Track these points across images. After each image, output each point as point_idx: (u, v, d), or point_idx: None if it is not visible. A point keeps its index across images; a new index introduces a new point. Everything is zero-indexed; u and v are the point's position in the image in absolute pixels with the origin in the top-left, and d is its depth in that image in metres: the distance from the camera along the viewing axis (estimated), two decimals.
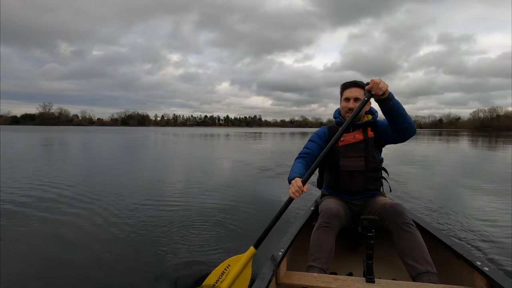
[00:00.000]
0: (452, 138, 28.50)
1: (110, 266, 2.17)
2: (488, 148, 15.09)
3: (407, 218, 1.51)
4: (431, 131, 73.77)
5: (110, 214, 3.38)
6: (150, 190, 4.73)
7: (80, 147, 14.53)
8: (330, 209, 1.61)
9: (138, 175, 6.29)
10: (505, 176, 6.14)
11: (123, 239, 2.66)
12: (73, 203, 3.84)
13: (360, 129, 1.79)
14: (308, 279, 1.37)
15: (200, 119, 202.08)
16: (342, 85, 1.87)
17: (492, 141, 22.48)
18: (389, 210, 1.57)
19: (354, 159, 1.75)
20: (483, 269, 1.28)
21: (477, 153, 12.95)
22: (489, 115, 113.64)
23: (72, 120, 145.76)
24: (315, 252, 1.49)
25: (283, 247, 1.50)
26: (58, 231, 2.83)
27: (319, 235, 1.53)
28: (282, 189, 4.80)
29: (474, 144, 18.79)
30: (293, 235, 1.65)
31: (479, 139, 26.39)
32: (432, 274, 1.35)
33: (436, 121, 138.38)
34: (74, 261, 2.25)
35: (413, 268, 1.39)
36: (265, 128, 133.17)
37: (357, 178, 1.76)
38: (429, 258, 1.41)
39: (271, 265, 1.34)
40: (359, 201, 1.81)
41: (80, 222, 3.10)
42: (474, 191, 4.78)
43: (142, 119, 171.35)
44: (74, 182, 5.20)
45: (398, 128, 1.59)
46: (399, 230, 1.49)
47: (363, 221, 1.29)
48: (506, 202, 3.99)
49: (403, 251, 1.45)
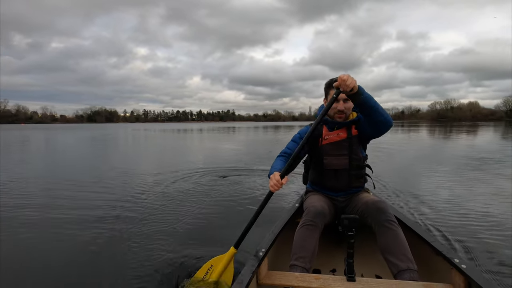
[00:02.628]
0: (413, 129, 30.50)
1: (84, 267, 2.13)
2: (444, 138, 16.67)
3: (389, 215, 1.52)
4: (395, 122, 77.88)
5: (78, 218, 3.21)
6: (120, 190, 4.55)
7: (58, 147, 14.04)
8: (315, 207, 1.61)
9: (109, 175, 5.79)
10: (458, 161, 7.17)
11: (96, 243, 2.54)
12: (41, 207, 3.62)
13: (344, 128, 1.78)
14: (289, 278, 1.37)
15: (172, 114, 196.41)
16: (329, 82, 1.78)
17: (447, 131, 24.29)
18: (372, 207, 1.58)
19: (338, 157, 1.76)
20: (461, 267, 1.29)
21: (434, 142, 14.50)
22: (444, 107, 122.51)
23: (32, 118, 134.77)
24: (298, 251, 1.49)
25: (264, 247, 1.48)
26: (18, 237, 2.71)
27: (303, 233, 1.53)
28: (263, 187, 4.67)
29: (431, 134, 20.66)
30: (276, 233, 1.63)
31: (436, 129, 28.74)
32: (413, 271, 1.37)
33: (399, 113, 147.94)
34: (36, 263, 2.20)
35: (395, 265, 1.41)
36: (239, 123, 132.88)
37: (341, 176, 1.77)
38: (410, 255, 1.43)
39: (251, 266, 1.32)
40: (343, 197, 1.82)
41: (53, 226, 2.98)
42: (432, 175, 5.46)
43: (110, 115, 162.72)
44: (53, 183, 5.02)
45: (373, 122, 1.60)
46: (381, 227, 1.50)
47: (344, 220, 1.30)
48: (463, 187, 4.52)
49: (385, 248, 1.46)
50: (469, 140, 14.26)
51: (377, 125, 1.61)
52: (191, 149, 12.48)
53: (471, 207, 3.41)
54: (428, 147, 11.50)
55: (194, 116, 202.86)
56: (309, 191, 1.95)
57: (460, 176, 5.30)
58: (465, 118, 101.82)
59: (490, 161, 7.00)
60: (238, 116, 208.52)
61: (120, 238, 2.65)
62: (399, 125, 51.75)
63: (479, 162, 6.88)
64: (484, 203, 3.55)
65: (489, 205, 3.50)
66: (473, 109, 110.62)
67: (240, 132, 28.86)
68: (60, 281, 1.99)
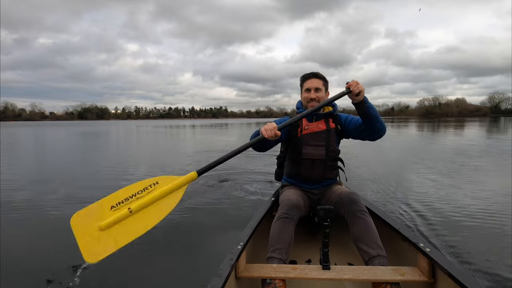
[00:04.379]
0: (402, 124, 31.27)
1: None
2: (432, 133, 17.26)
3: (361, 205, 1.60)
4: (385, 119, 77.23)
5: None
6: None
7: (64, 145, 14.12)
8: (290, 200, 1.65)
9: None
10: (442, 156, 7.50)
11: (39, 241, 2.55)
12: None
13: (322, 120, 1.86)
14: (267, 270, 1.40)
15: (164, 111, 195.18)
16: (302, 77, 1.93)
17: (434, 126, 25.17)
18: (345, 198, 1.65)
19: (316, 147, 1.82)
20: (425, 250, 1.36)
21: (421, 137, 15.32)
22: (433, 103, 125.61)
23: (21, 115, 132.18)
24: (275, 243, 1.52)
25: (242, 240, 1.50)
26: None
27: (279, 226, 1.57)
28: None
29: (419, 130, 21.66)
30: (253, 227, 1.66)
31: (421, 124, 29.82)
32: (382, 257, 1.45)
33: (389, 109, 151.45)
34: None
35: (366, 252, 1.48)
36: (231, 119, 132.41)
37: (317, 166, 1.83)
38: (379, 242, 1.50)
39: (230, 259, 1.32)
40: (318, 190, 1.89)
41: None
42: (407, 167, 5.83)
43: (101, 112, 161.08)
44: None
45: (371, 128, 1.69)
46: (353, 218, 1.57)
47: (320, 211, 1.34)
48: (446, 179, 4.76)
49: (357, 237, 1.54)
50: (449, 135, 15.05)
51: (375, 131, 1.72)
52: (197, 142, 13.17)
53: (440, 196, 3.64)
54: (409, 142, 12.03)
55: (187, 113, 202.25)
56: (284, 185, 2.00)
57: (432, 169, 5.61)
58: (452, 114, 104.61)
59: (462, 155, 7.46)
60: (230, 113, 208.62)
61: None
62: (389, 121, 52.84)
63: (454, 155, 7.43)
64: (452, 192, 3.86)
65: (454, 193, 3.82)
66: (460, 106, 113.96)
67: (233, 128, 29.31)
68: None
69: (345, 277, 1.34)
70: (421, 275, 1.36)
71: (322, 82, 1.88)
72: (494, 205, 3.28)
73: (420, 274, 1.37)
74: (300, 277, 1.35)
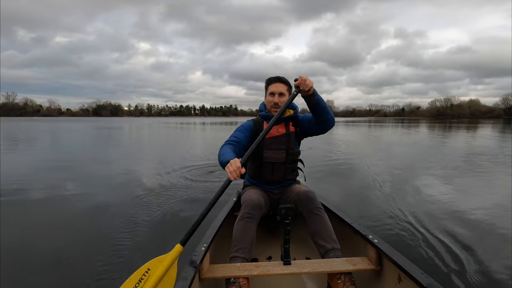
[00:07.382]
0: (413, 125, 30.60)
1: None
2: (442, 136, 16.16)
3: (317, 203, 1.69)
4: (395, 119, 76.83)
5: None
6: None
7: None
8: (252, 200, 1.69)
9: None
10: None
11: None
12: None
13: (283, 123, 1.89)
14: (231, 269, 1.42)
15: (176, 109, 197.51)
16: (267, 80, 1.95)
17: (446, 127, 24.52)
18: (303, 197, 1.73)
19: (277, 151, 1.87)
20: (373, 241, 1.48)
21: (431, 139, 14.98)
22: (444, 104, 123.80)
23: (39, 111, 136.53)
24: (238, 243, 1.55)
25: (206, 241, 1.49)
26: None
27: (242, 225, 1.60)
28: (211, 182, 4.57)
29: (430, 131, 21.04)
30: (216, 228, 1.66)
31: (432, 126, 29.31)
32: (337, 250, 1.56)
33: (400, 110, 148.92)
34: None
35: (322, 246, 1.58)
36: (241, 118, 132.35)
37: (278, 169, 1.89)
38: (334, 236, 1.61)
39: (194, 262, 1.32)
40: (278, 190, 1.95)
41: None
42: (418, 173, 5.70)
43: (115, 109, 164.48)
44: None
45: (322, 121, 1.77)
46: (311, 214, 1.66)
47: (281, 210, 1.39)
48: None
49: (314, 233, 1.63)
50: (457, 137, 14.73)
51: (324, 124, 1.79)
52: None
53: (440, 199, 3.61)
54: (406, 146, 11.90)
55: (197, 111, 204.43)
56: (246, 185, 2.03)
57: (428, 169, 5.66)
58: (464, 116, 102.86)
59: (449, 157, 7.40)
60: (240, 111, 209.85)
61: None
62: (399, 121, 52.35)
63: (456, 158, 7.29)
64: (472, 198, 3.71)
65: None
66: (472, 107, 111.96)
67: None
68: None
69: (305, 270, 1.41)
70: (370, 264, 1.47)
71: (286, 87, 1.91)
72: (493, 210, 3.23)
73: (369, 263, 1.48)
74: (263, 274, 1.40)
